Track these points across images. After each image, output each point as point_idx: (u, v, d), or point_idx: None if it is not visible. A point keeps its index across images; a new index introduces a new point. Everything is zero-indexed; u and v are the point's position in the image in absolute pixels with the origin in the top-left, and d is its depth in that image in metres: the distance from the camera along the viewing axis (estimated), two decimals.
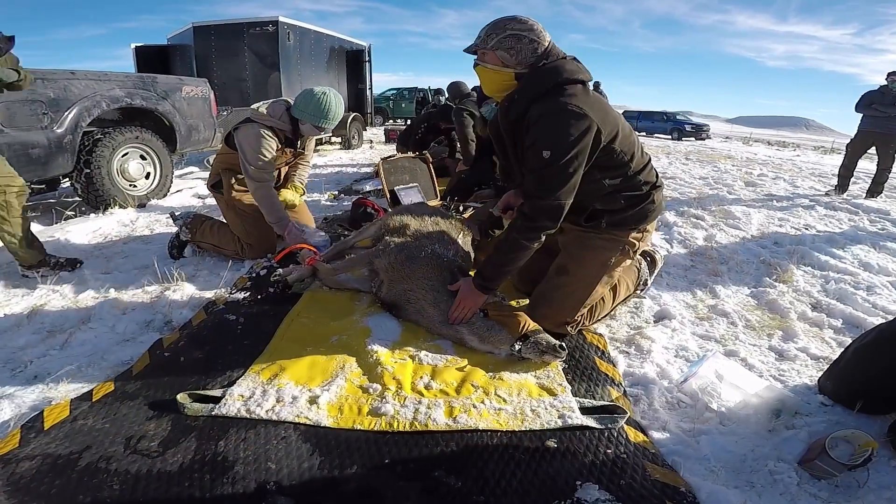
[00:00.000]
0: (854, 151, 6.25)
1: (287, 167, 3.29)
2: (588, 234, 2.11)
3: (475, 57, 1.95)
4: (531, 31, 1.82)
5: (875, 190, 6.17)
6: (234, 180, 3.04)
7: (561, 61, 1.86)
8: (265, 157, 2.82)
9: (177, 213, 3.20)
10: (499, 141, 2.11)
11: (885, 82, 5.83)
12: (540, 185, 1.80)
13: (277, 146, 2.91)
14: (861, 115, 6.08)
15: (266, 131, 2.84)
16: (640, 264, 2.47)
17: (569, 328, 2.12)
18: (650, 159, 2.13)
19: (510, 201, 2.34)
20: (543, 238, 1.92)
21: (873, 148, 6.14)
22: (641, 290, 2.52)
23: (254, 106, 2.95)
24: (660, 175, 2.17)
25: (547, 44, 1.86)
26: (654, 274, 2.58)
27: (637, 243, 2.11)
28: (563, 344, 1.82)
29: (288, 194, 3.23)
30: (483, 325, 1.96)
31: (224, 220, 3.19)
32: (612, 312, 2.33)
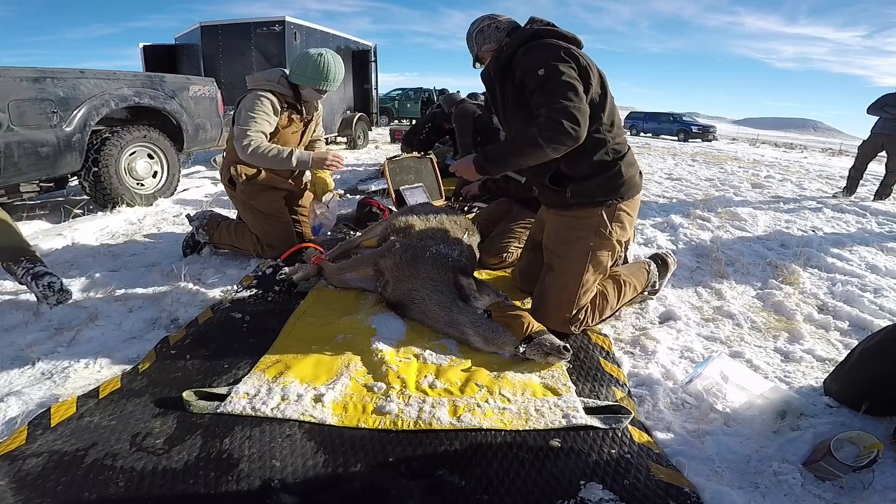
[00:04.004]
0: (864, 153, 6.21)
1: (301, 144, 3.15)
2: (561, 224, 2.14)
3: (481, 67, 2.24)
4: (481, 21, 2.18)
5: (883, 192, 6.13)
6: (244, 177, 2.93)
7: (538, 25, 2.08)
8: (254, 116, 2.72)
9: (192, 215, 3.18)
10: (491, 92, 2.22)
11: None
12: (548, 96, 1.85)
13: (277, 110, 2.82)
14: (875, 117, 6.04)
15: (264, 94, 2.77)
16: (648, 266, 2.46)
17: (572, 327, 2.12)
18: (625, 134, 2.17)
19: None
20: (561, 148, 1.87)
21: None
22: (651, 293, 2.51)
23: (249, 76, 2.91)
24: (634, 155, 2.18)
25: (503, 19, 2.18)
26: (667, 278, 2.58)
27: (610, 224, 2.06)
28: (568, 345, 1.82)
29: (320, 177, 3.14)
30: (487, 326, 1.96)
31: (239, 219, 3.18)
32: (618, 313, 2.33)
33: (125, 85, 4.41)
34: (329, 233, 3.65)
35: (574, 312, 2.10)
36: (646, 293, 2.47)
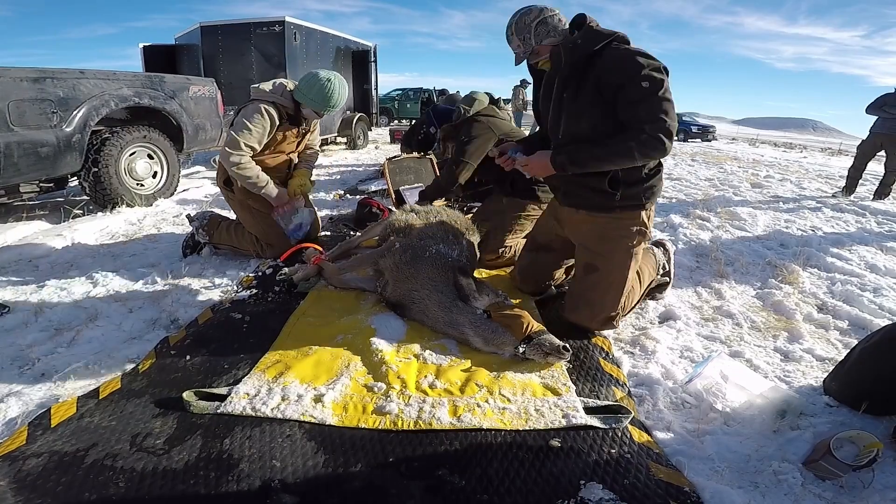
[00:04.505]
0: (863, 153, 6.21)
1: (297, 153, 3.20)
2: (603, 225, 2.13)
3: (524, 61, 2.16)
4: (540, 12, 2.03)
5: (882, 192, 6.13)
6: None
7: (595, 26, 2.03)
8: (250, 128, 2.76)
9: (192, 215, 3.20)
10: (549, 86, 2.13)
11: None
12: (652, 112, 1.87)
13: (276, 124, 2.85)
14: (874, 116, 6.03)
15: (267, 107, 2.79)
16: (653, 250, 2.52)
17: (615, 323, 2.16)
18: None
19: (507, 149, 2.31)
20: (650, 161, 1.98)
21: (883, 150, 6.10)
22: (665, 276, 2.56)
23: (254, 86, 2.91)
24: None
25: (559, 12, 2.07)
26: (672, 260, 2.62)
27: (647, 223, 2.14)
28: (567, 345, 1.82)
29: (294, 181, 3.13)
30: (487, 327, 1.96)
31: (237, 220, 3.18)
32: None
33: (125, 85, 4.42)
34: (327, 233, 3.65)
35: (619, 310, 2.14)
36: (659, 276, 2.51)
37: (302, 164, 3.26)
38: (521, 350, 1.86)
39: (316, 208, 3.44)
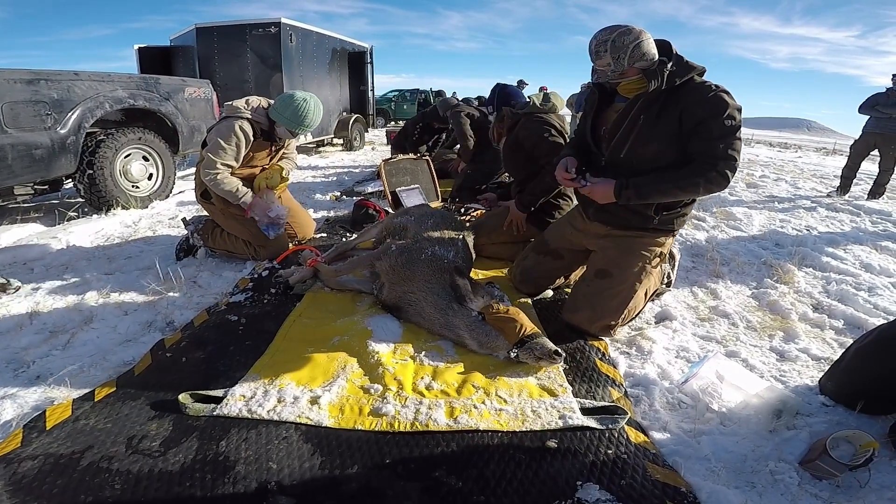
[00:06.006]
0: (857, 153, 6.24)
1: (271, 163, 3.18)
2: (630, 240, 2.18)
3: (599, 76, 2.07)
4: (640, 34, 1.94)
5: (877, 191, 6.15)
6: None
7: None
8: (224, 147, 2.78)
9: (188, 219, 3.19)
10: (627, 111, 2.08)
11: (892, 84, 5.79)
12: (728, 149, 1.93)
13: (250, 140, 2.86)
14: (866, 116, 6.06)
15: (241, 123, 2.80)
16: (662, 264, 2.53)
17: (612, 332, 2.17)
18: None
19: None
20: (709, 194, 2.11)
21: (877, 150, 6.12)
22: (666, 285, 2.59)
23: (227, 103, 2.91)
24: None
25: (651, 36, 2.00)
26: (675, 268, 2.66)
27: (668, 247, 2.23)
28: (560, 350, 1.82)
29: (261, 175, 3.05)
30: (482, 330, 1.96)
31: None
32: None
33: (120, 87, 4.40)
34: (323, 234, 3.64)
35: (619, 321, 2.16)
36: (662, 286, 2.53)
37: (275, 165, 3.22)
38: (513, 354, 1.87)
39: (312, 210, 3.43)
